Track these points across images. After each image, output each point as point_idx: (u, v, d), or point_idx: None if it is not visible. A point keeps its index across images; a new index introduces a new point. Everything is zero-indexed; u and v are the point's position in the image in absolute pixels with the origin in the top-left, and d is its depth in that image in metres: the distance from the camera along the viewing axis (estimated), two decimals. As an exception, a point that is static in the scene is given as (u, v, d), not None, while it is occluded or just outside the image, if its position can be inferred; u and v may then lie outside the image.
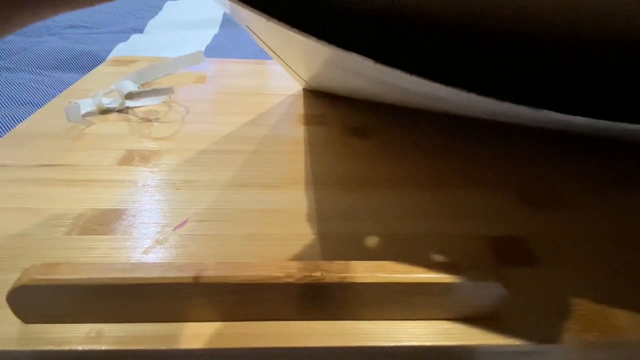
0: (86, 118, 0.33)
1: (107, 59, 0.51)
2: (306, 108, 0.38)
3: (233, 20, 0.69)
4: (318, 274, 0.16)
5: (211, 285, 0.16)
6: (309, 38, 0.19)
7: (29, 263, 0.16)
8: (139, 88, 0.36)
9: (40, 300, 0.16)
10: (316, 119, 0.36)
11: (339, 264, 0.17)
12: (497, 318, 0.18)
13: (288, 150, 0.31)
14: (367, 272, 0.16)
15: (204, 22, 0.80)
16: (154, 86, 0.39)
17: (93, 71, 0.44)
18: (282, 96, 0.41)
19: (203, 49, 0.66)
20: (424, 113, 0.37)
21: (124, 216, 0.23)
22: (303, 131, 0.34)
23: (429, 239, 0.22)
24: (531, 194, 0.27)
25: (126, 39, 0.68)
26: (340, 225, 0.23)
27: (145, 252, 0.20)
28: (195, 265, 0.16)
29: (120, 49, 0.63)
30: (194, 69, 0.45)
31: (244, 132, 0.33)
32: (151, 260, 0.20)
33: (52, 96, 0.43)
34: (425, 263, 0.17)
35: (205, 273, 0.16)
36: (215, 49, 0.66)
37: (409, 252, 0.21)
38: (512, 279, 0.20)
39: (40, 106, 0.36)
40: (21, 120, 0.36)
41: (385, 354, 0.17)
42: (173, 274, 0.16)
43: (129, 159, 0.28)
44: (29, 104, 0.44)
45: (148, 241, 0.21)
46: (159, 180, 0.26)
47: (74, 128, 0.32)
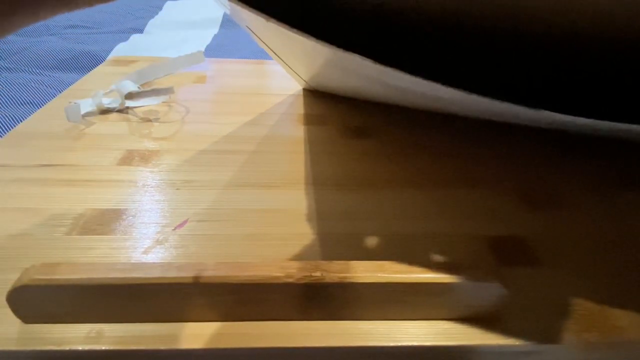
0: (86, 118, 0.33)
1: (107, 59, 0.51)
2: (306, 108, 0.38)
3: (233, 20, 0.69)
4: (318, 274, 0.16)
5: (211, 285, 0.16)
6: (309, 38, 0.19)
7: (29, 263, 0.16)
8: (139, 88, 0.36)
9: (40, 300, 0.16)
10: (316, 119, 0.36)
11: (339, 264, 0.17)
12: (497, 318, 0.18)
13: (288, 150, 0.31)
14: (367, 272, 0.16)
15: (204, 22, 0.80)
16: (154, 86, 0.39)
17: (93, 71, 0.44)
18: (282, 96, 0.41)
19: (203, 49, 0.66)
20: (424, 113, 0.37)
21: (124, 216, 0.23)
22: (303, 131, 0.34)
23: (429, 239, 0.22)
24: (531, 194, 0.27)
25: (126, 39, 0.68)
26: (340, 225, 0.23)
27: (145, 252, 0.20)
28: (195, 265, 0.16)
29: (120, 49, 0.63)
30: (194, 69, 0.45)
31: (244, 132, 0.33)
32: (151, 260, 0.20)
33: (52, 96, 0.43)
34: (425, 263, 0.17)
35: (205, 273, 0.16)
36: (215, 49, 0.66)
37: (409, 252, 0.21)
38: (512, 279, 0.20)
39: (40, 106, 0.36)
40: (21, 120, 0.36)
41: (385, 354, 0.17)
42: (173, 274, 0.16)
43: (129, 159, 0.28)
44: (29, 104, 0.44)
45: (148, 241, 0.21)
46: (159, 180, 0.26)
47: (74, 128, 0.32)
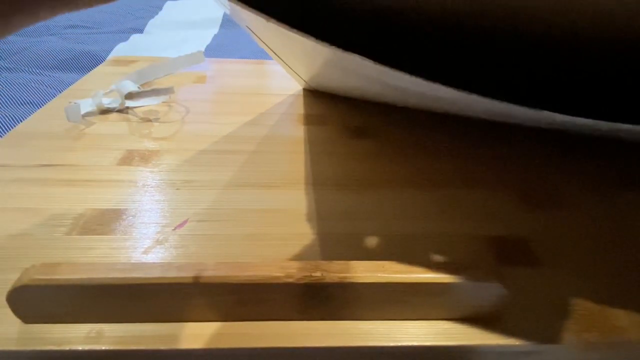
0: (86, 118, 0.33)
1: (107, 59, 0.51)
2: (306, 108, 0.38)
3: (233, 20, 0.69)
4: (318, 274, 0.16)
5: (211, 285, 0.16)
6: (309, 38, 0.19)
7: (29, 263, 0.16)
8: (139, 88, 0.36)
9: (40, 300, 0.16)
10: (316, 119, 0.36)
11: (339, 264, 0.17)
12: (497, 318, 0.18)
13: (288, 150, 0.31)
14: (367, 272, 0.16)
15: (204, 22, 0.80)
16: (154, 86, 0.39)
17: (93, 71, 0.44)
18: (282, 96, 0.41)
19: (203, 49, 0.66)
20: (424, 113, 0.37)
21: (124, 216, 0.23)
22: (303, 131, 0.34)
23: (429, 239, 0.22)
24: (531, 194, 0.27)
25: (126, 39, 0.68)
26: (340, 225, 0.23)
27: (145, 252, 0.20)
28: (195, 265, 0.16)
29: (120, 49, 0.63)
30: (194, 69, 0.45)
31: (244, 132, 0.33)
32: (151, 260, 0.20)
33: (52, 96, 0.43)
34: (425, 263, 0.17)
35: (205, 273, 0.16)
36: (215, 49, 0.66)
37: (409, 252, 0.21)
38: (512, 279, 0.20)
39: (40, 106, 0.36)
40: (21, 120, 0.36)
41: (385, 354, 0.17)
42: (173, 274, 0.16)
43: (129, 159, 0.28)
44: (29, 104, 0.44)
45: (148, 241, 0.21)
46: (159, 180, 0.26)
47: (74, 128, 0.32)
